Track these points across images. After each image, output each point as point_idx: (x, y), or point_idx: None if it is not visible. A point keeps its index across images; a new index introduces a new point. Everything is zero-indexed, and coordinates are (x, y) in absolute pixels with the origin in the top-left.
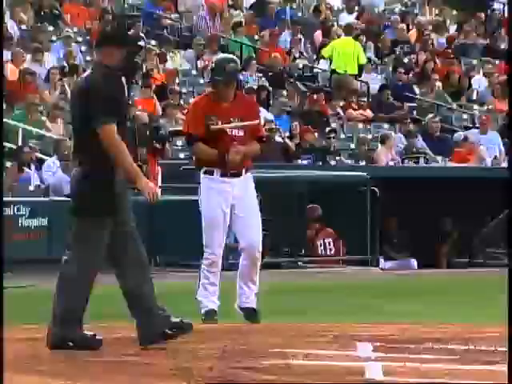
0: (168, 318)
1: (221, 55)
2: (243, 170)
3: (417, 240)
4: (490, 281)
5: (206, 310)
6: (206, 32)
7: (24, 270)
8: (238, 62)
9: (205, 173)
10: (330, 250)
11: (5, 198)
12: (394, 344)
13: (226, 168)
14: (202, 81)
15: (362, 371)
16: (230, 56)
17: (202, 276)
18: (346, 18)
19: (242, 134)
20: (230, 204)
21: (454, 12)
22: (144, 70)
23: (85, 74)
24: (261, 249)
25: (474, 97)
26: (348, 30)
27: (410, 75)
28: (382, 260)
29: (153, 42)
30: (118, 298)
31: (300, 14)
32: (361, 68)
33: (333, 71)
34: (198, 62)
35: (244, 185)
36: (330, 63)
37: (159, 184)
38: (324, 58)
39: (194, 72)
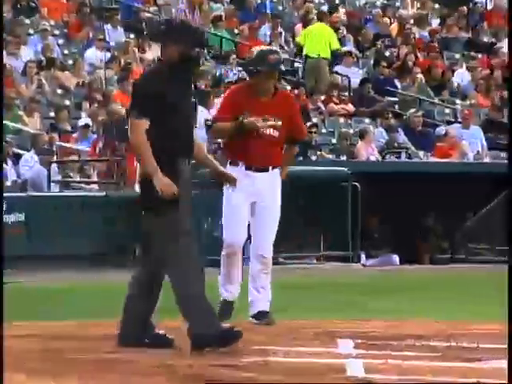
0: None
1: (262, 46)
2: (270, 166)
3: (399, 236)
4: (472, 277)
5: (221, 299)
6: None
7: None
8: (281, 54)
9: (230, 164)
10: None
11: None
12: (376, 341)
13: (250, 160)
14: None
15: (343, 368)
16: (273, 47)
17: (221, 270)
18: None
19: (276, 134)
20: (252, 200)
21: (436, 5)
22: (122, 63)
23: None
24: (269, 253)
25: (457, 91)
26: (320, 16)
27: (392, 69)
28: (363, 256)
29: (131, 36)
30: (91, 295)
31: (280, 8)
32: (333, 54)
33: (306, 56)
34: None
35: (268, 181)
36: (302, 49)
37: (138, 179)
38: (300, 45)
39: None
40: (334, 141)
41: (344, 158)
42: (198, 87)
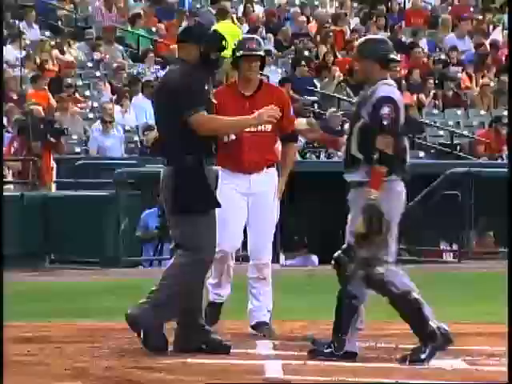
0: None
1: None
2: (264, 166)
3: (318, 236)
4: None
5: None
6: (102, 23)
7: None
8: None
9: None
10: None
11: None
12: (295, 342)
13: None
14: (98, 73)
15: (261, 370)
16: (254, 36)
17: (212, 270)
18: (248, 9)
19: (269, 128)
20: (246, 202)
21: (355, 4)
22: (38, 61)
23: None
24: (267, 258)
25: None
26: (221, 13)
27: (311, 68)
28: (282, 256)
29: (47, 33)
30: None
31: (198, 6)
32: None
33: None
34: (94, 53)
35: (264, 182)
36: None
37: (54, 179)
38: None
39: (89, 64)
40: None
41: None
42: (113, 85)
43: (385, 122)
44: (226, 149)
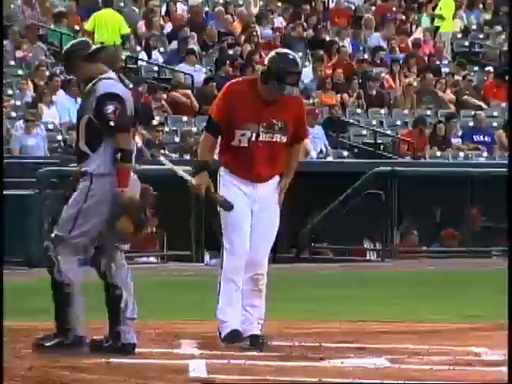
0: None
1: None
2: (270, 178)
3: None
4: (314, 276)
5: (230, 330)
6: (25, 21)
7: None
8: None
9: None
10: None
11: None
12: (219, 341)
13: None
14: (20, 71)
15: (185, 369)
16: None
17: (222, 286)
18: (171, 8)
19: (284, 139)
20: (252, 206)
21: (279, 4)
22: None
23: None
24: (264, 269)
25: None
26: (107, 1)
27: (235, 67)
28: (207, 256)
29: None
30: None
31: (122, 5)
32: (123, 38)
33: (101, 44)
34: (17, 52)
35: (268, 189)
36: (93, 36)
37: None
38: (88, 31)
39: (11, 63)
40: (177, 139)
41: (188, 157)
42: (35, 84)
43: (112, 123)
44: (235, 154)
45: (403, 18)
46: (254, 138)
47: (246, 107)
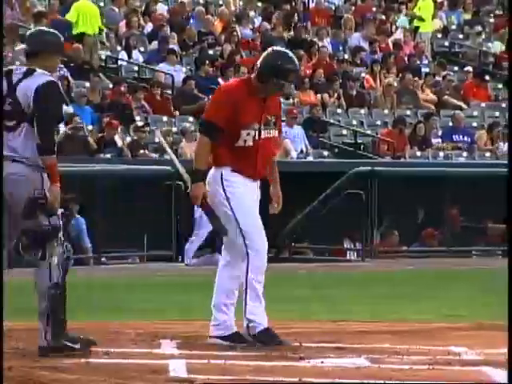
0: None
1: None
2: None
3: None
4: (294, 276)
5: (263, 328)
6: (5, 21)
7: None
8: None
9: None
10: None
11: None
12: (199, 341)
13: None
14: None
15: (165, 369)
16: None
17: (249, 288)
18: (153, 9)
19: (277, 134)
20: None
21: (259, 4)
22: None
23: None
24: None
25: None
26: None
27: (216, 67)
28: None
29: None
30: None
31: (102, 4)
32: (101, 31)
33: (82, 34)
34: None
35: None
36: (75, 27)
37: None
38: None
39: None
40: (157, 139)
41: (168, 157)
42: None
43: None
44: (241, 154)
45: (383, 17)
46: (257, 137)
47: (247, 107)
